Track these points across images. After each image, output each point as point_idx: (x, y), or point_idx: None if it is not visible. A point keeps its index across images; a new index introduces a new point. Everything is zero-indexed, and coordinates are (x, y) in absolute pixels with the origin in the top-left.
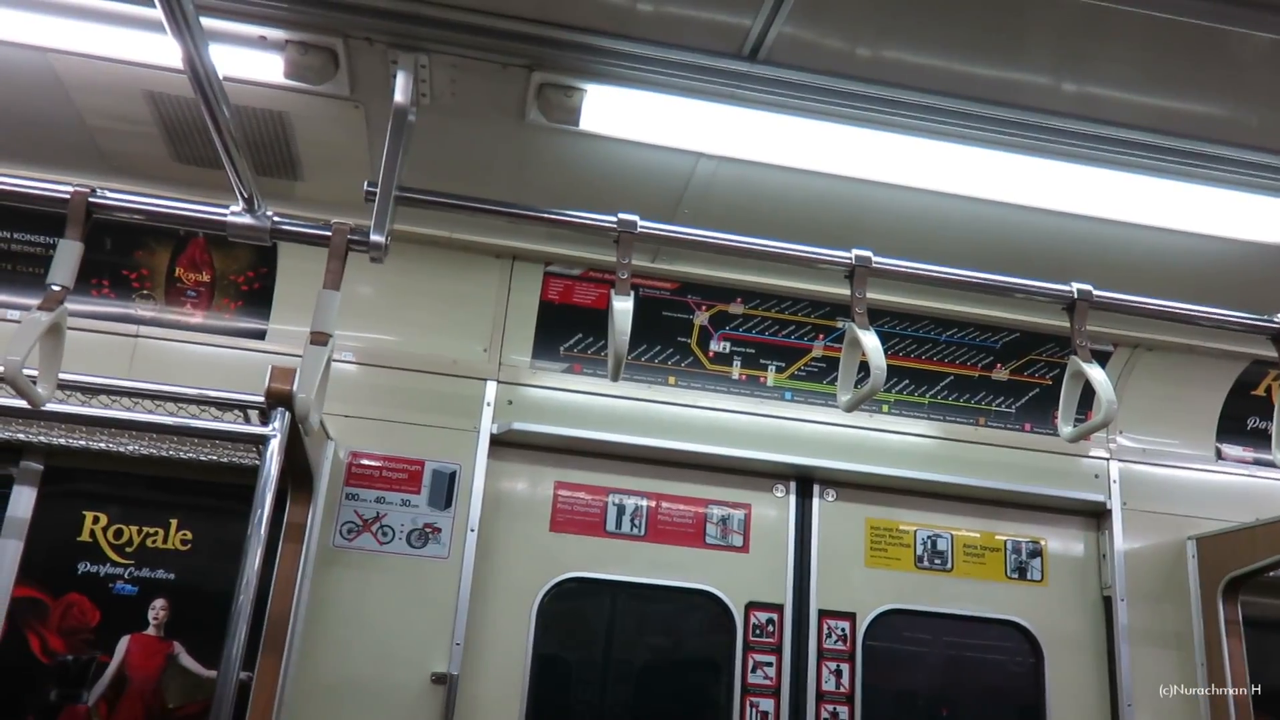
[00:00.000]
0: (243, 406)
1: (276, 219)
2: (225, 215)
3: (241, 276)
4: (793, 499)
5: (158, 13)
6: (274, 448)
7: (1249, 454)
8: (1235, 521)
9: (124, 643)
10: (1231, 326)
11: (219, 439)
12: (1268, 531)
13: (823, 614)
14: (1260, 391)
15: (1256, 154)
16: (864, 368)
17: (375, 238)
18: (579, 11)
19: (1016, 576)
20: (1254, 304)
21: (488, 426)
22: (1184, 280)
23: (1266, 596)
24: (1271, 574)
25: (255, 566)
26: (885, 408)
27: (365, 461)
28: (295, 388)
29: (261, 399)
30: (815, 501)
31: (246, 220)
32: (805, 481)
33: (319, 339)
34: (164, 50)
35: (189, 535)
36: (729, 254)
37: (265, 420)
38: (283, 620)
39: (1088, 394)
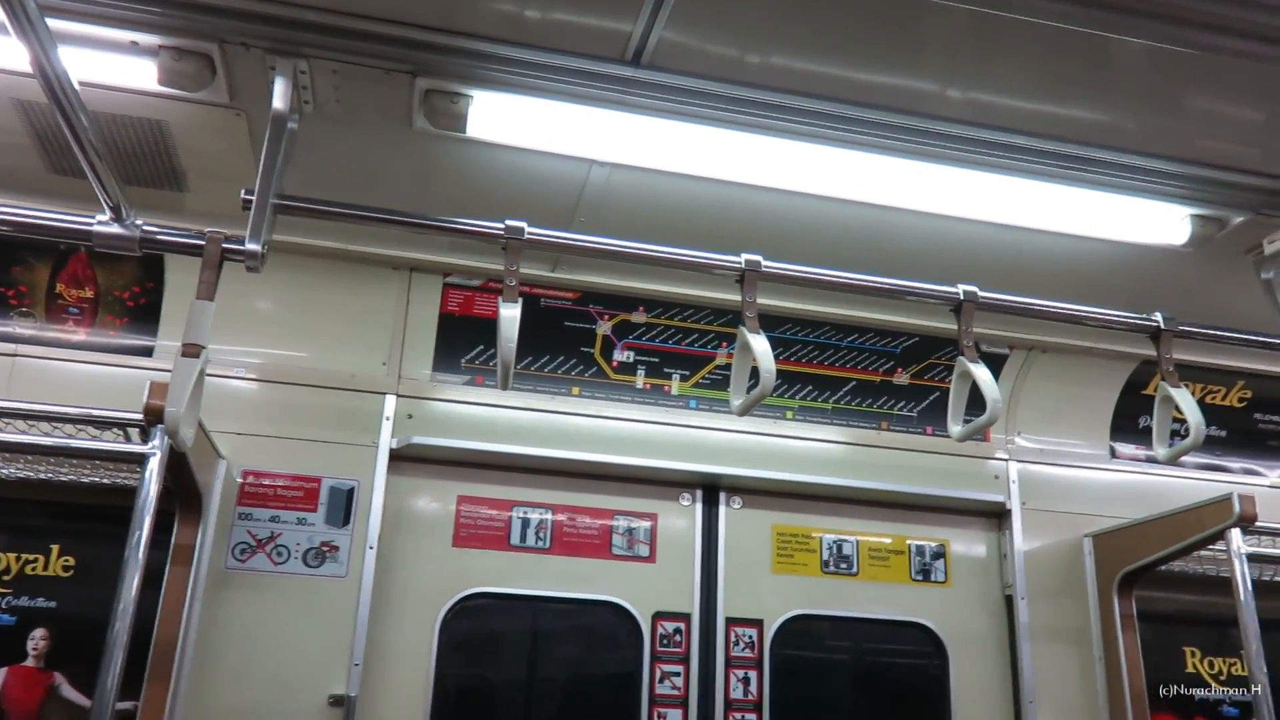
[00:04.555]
0: (122, 425)
1: (147, 228)
2: (91, 225)
3: (127, 292)
4: (699, 507)
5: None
6: (153, 466)
7: (1141, 452)
8: (1129, 518)
9: (0, 675)
10: (1115, 326)
11: (98, 459)
12: (1158, 526)
13: (730, 622)
14: (1150, 390)
15: (1135, 158)
16: (757, 372)
17: (251, 246)
18: (460, 17)
19: (921, 578)
20: (1139, 304)
21: (387, 441)
22: (1075, 282)
23: (1159, 590)
24: (1162, 568)
25: (133, 591)
26: (789, 414)
27: (259, 480)
28: (165, 402)
29: (140, 416)
30: (721, 509)
31: (113, 230)
32: (711, 489)
33: (191, 351)
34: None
35: (71, 561)
36: (621, 260)
37: (146, 438)
38: (170, 646)
39: (981, 394)
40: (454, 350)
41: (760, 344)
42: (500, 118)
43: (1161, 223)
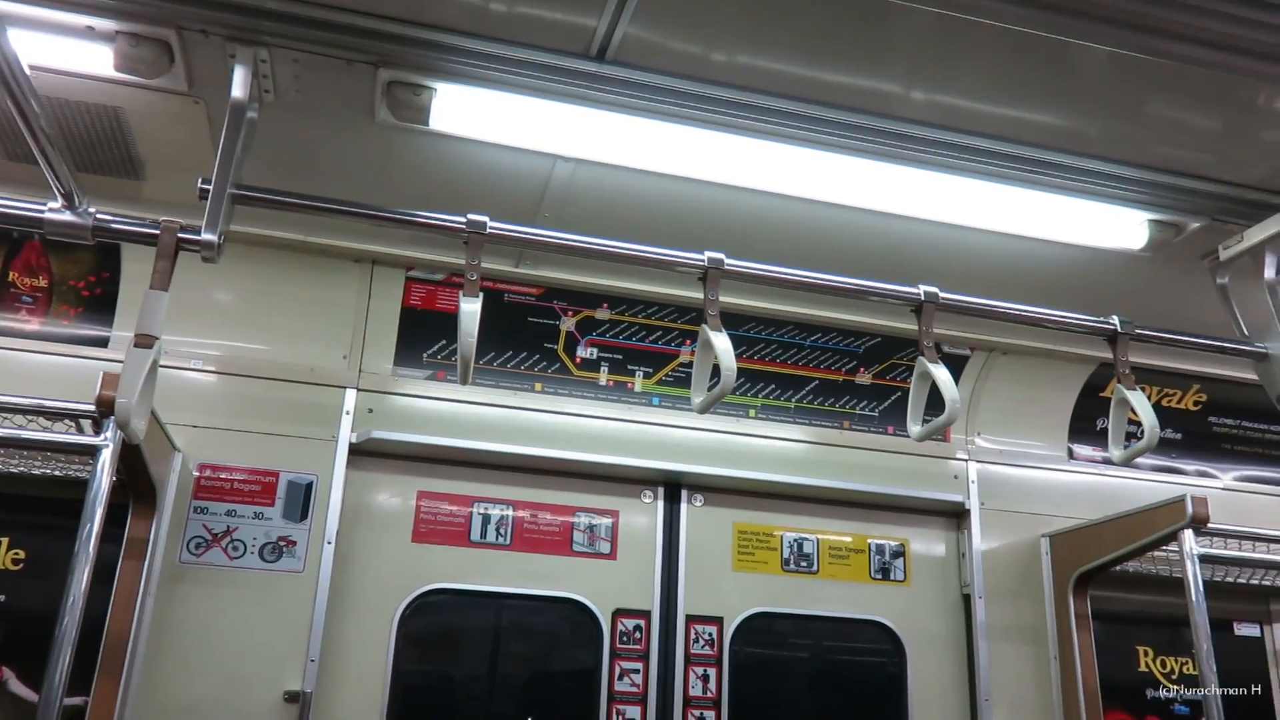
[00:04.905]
0: (74, 416)
1: (101, 216)
2: (43, 212)
3: (82, 281)
4: (661, 504)
5: None
6: (105, 458)
7: (1098, 453)
8: (1085, 519)
9: None
10: (1072, 328)
11: (49, 450)
12: (1114, 527)
13: (690, 619)
14: (1108, 393)
15: (1095, 162)
16: (719, 370)
17: (207, 236)
18: (424, 8)
19: (880, 577)
20: (1097, 308)
21: (347, 435)
22: (1034, 285)
23: (1113, 590)
24: (1117, 568)
25: (84, 585)
26: (752, 412)
27: (216, 473)
28: (116, 393)
29: (93, 408)
30: (683, 507)
31: (65, 217)
32: (673, 487)
33: (143, 342)
34: None
35: (22, 554)
36: (584, 256)
37: (98, 430)
38: (121, 641)
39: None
40: (416, 344)
41: (722, 342)
42: (464, 111)
43: (1120, 227)
